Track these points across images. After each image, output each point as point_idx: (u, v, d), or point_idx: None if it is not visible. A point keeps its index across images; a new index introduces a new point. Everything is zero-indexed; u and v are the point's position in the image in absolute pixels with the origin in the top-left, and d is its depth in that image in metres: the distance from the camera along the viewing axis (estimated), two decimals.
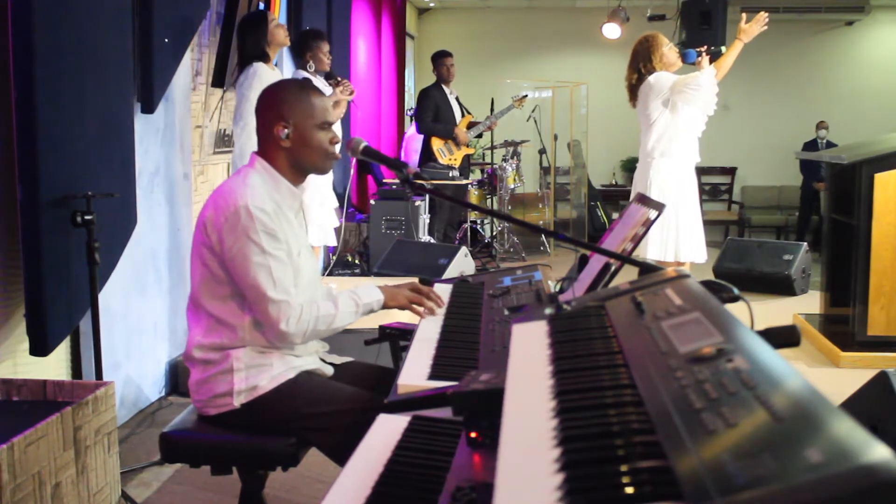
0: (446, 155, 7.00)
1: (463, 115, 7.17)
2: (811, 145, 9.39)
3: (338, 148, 2.16)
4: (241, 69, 4.08)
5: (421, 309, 2.21)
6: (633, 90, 4.50)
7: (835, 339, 4.47)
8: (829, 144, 9.34)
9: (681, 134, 4.35)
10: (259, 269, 1.95)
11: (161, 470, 3.09)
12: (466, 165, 7.35)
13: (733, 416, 0.74)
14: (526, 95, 7.59)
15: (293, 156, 2.09)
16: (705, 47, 4.43)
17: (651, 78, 4.35)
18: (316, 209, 4.61)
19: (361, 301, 2.11)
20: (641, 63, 4.42)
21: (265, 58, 4.09)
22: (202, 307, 2.05)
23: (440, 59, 7.10)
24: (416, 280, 2.39)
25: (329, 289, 2.37)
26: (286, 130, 2.06)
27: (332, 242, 4.97)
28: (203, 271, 2.03)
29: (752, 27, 4.36)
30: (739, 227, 10.04)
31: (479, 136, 7.54)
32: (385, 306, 2.17)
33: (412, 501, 1.18)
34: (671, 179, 4.35)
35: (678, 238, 4.35)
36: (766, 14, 4.39)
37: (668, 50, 4.40)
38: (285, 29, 4.30)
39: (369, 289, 2.16)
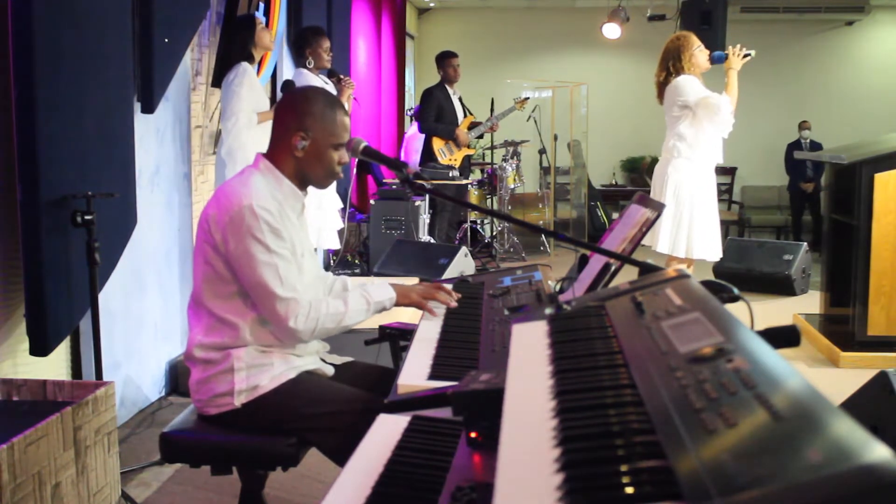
0: (447, 155, 7.00)
1: (465, 116, 7.17)
2: (795, 146, 9.40)
3: (342, 170, 2.16)
4: (227, 68, 4.13)
5: (433, 305, 2.20)
6: (661, 87, 4.54)
7: (835, 339, 4.47)
8: (814, 144, 9.36)
9: (700, 137, 4.41)
10: (265, 267, 1.95)
11: (161, 470, 3.09)
12: (467, 165, 7.35)
13: (733, 416, 0.74)
14: (528, 98, 7.58)
15: (301, 166, 2.09)
16: (739, 47, 4.44)
17: (679, 79, 4.40)
18: (312, 211, 4.61)
19: (373, 299, 2.10)
20: (671, 62, 4.47)
21: (251, 59, 4.15)
22: (204, 306, 2.05)
23: (446, 59, 7.06)
24: (416, 282, 2.39)
25: (344, 281, 2.37)
26: (304, 142, 2.06)
27: (329, 245, 4.96)
28: (206, 270, 2.03)
29: (732, 60, 4.44)
30: (739, 227, 10.04)
31: (480, 136, 7.53)
32: (397, 304, 2.17)
33: (412, 501, 1.18)
34: (687, 178, 4.42)
35: (691, 235, 4.42)
36: (740, 45, 4.44)
37: (699, 51, 4.43)
38: (270, 33, 4.38)
39: (381, 287, 2.15)
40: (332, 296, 2.21)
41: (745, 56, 4.46)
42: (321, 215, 4.72)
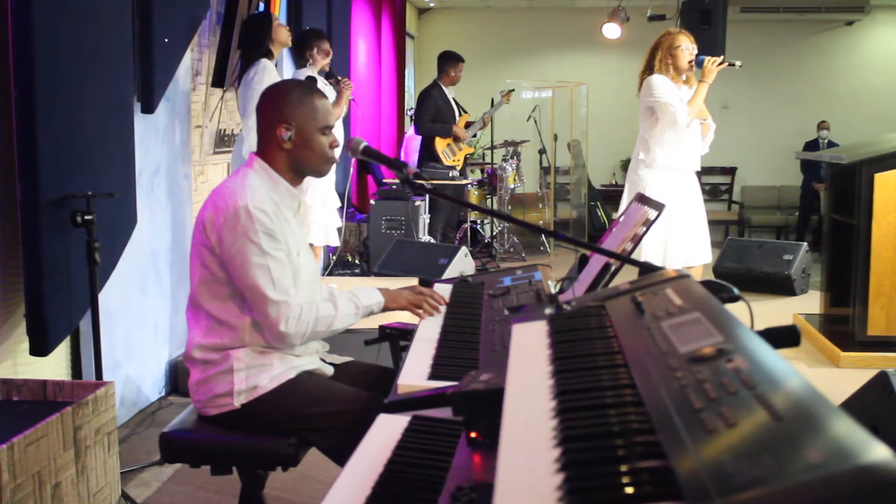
0: (450, 157, 6.99)
1: (460, 115, 7.16)
2: (812, 145, 9.39)
3: (337, 152, 2.17)
4: (247, 66, 4.12)
5: (421, 311, 2.20)
6: (640, 85, 4.31)
7: (835, 339, 4.47)
8: (831, 144, 9.34)
9: (660, 142, 4.16)
10: (258, 269, 1.95)
11: (161, 470, 3.09)
12: (465, 165, 7.34)
13: (733, 416, 0.74)
14: (513, 90, 7.54)
15: (293, 158, 2.09)
16: (721, 58, 4.16)
17: (649, 79, 4.17)
18: (318, 210, 4.62)
19: (361, 303, 2.11)
20: (649, 59, 4.26)
21: (269, 56, 4.14)
22: (202, 308, 2.05)
23: (453, 62, 6.93)
24: (416, 282, 2.39)
25: (331, 289, 2.37)
26: (288, 133, 2.06)
27: (335, 242, 4.98)
28: (202, 272, 2.03)
29: (705, 70, 4.12)
30: (739, 227, 10.04)
31: (474, 135, 7.47)
32: (385, 308, 2.17)
33: (412, 501, 1.18)
34: (645, 183, 4.16)
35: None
36: (723, 57, 4.17)
37: (680, 52, 4.15)
38: (288, 29, 4.35)
39: (369, 291, 2.16)
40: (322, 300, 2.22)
41: (730, 65, 4.17)
42: (326, 213, 4.72)
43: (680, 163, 4.21)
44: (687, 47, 4.19)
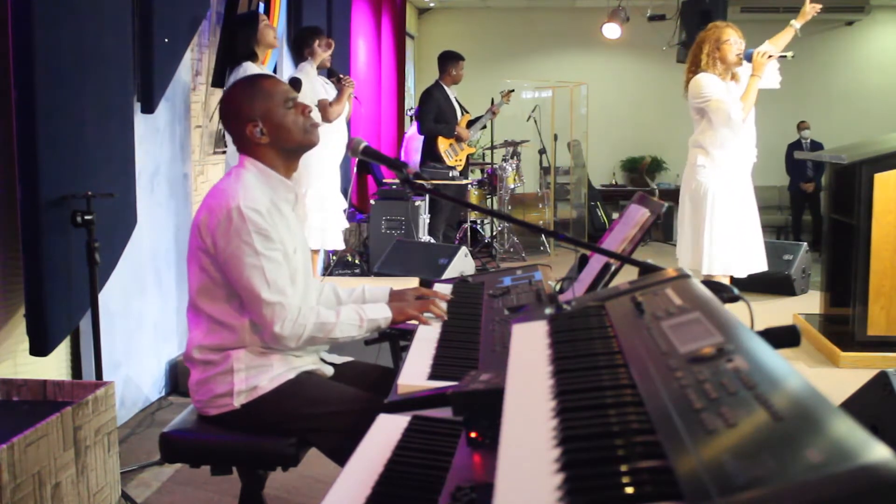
0: (453, 157, 6.99)
1: (462, 115, 7.16)
2: (795, 146, 9.40)
3: (316, 115, 2.15)
4: (231, 69, 4.09)
5: (430, 315, 2.18)
6: (686, 85, 4.12)
7: (835, 339, 4.47)
8: (814, 144, 9.35)
9: (716, 142, 4.03)
10: (252, 270, 1.95)
11: (161, 470, 3.09)
12: (466, 165, 7.35)
13: (733, 416, 0.74)
14: (512, 90, 7.55)
15: (277, 146, 2.07)
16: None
17: (696, 78, 4.00)
18: (315, 214, 4.62)
19: (367, 316, 2.09)
20: (693, 56, 4.07)
21: (254, 57, 4.11)
22: (202, 310, 2.04)
23: (453, 61, 6.95)
24: (416, 282, 2.39)
25: (333, 286, 2.36)
26: (257, 128, 2.05)
27: (331, 246, 4.96)
28: (200, 275, 2.02)
29: (755, 64, 4.00)
30: None
31: (484, 126, 7.44)
32: (394, 322, 2.15)
33: (412, 501, 1.18)
34: (709, 187, 4.05)
35: (697, 247, 4.07)
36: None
37: (728, 46, 3.98)
38: (275, 30, 4.33)
39: (378, 306, 2.14)
40: (325, 305, 2.21)
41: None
42: (323, 217, 4.72)
43: (740, 161, 4.09)
44: (735, 41, 4.01)
